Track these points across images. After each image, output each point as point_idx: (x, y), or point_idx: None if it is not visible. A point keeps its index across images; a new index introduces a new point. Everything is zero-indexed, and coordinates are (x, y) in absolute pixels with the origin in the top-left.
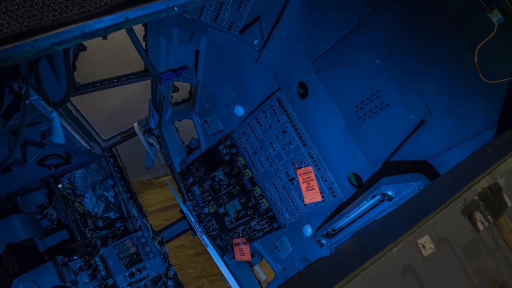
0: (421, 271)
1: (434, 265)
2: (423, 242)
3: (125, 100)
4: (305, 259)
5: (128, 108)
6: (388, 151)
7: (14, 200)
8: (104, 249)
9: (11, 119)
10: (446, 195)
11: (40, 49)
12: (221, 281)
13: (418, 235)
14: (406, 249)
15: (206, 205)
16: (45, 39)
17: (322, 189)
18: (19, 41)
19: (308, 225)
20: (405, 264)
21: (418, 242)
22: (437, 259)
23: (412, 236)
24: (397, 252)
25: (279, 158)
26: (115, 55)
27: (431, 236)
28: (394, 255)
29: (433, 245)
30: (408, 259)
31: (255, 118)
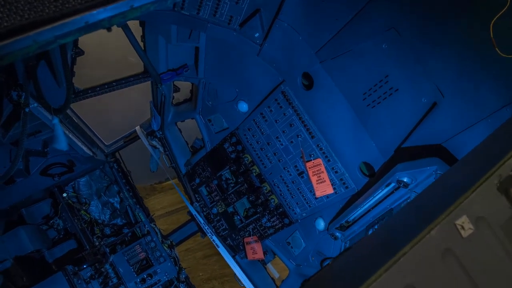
0: (461, 253)
1: (474, 246)
2: (461, 222)
3: (126, 103)
4: (319, 253)
5: (128, 112)
6: (399, 137)
7: (19, 212)
8: (113, 256)
9: (12, 129)
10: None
11: (42, 43)
12: (232, 282)
13: (455, 216)
14: (445, 231)
15: (215, 205)
16: (47, 31)
17: (333, 181)
18: (20, 35)
19: (321, 218)
20: (445, 246)
21: (456, 223)
22: (477, 239)
23: (449, 217)
24: (436, 235)
25: (287, 152)
26: (112, 59)
27: (469, 216)
28: (433, 237)
29: (472, 225)
30: (447, 241)
31: (260, 113)
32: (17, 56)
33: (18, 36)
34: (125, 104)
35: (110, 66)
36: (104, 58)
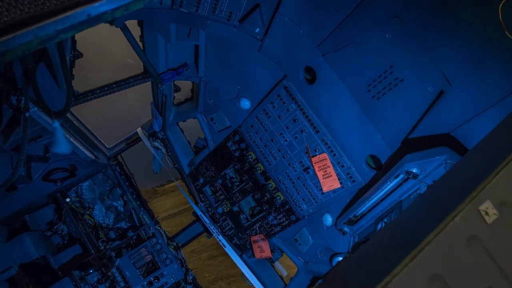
0: (487, 239)
1: (500, 231)
2: (485, 208)
3: (125, 105)
4: (328, 249)
5: (128, 114)
6: (406, 128)
7: (23, 219)
8: (119, 260)
9: (12, 135)
10: (498, 158)
11: (44, 38)
12: (238, 282)
13: (478, 202)
14: (469, 217)
15: (220, 205)
16: (49, 26)
17: (340, 175)
18: (21, 30)
19: (328, 214)
20: (470, 233)
21: (479, 209)
22: (502, 224)
23: (472, 204)
24: (460, 222)
25: (291, 148)
26: (111, 62)
27: (493, 201)
28: (457, 224)
29: (496, 210)
30: (472, 227)
31: (263, 110)
32: (17, 52)
33: (18, 31)
34: (124, 106)
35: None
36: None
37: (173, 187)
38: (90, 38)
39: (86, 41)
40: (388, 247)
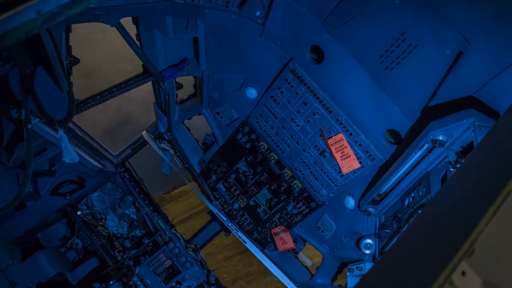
0: None
1: None
2: None
3: (124, 109)
4: (353, 233)
5: (128, 117)
6: (425, 96)
7: (35, 237)
8: (138, 268)
9: (15, 151)
10: None
11: (48, 15)
12: (258, 279)
13: None
14: None
15: (235, 200)
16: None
17: (358, 154)
18: (21, 5)
19: (350, 196)
20: None
21: None
22: None
23: None
24: None
25: (304, 133)
26: (106, 68)
27: None
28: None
29: None
30: None
31: (271, 97)
32: (20, 33)
33: (19, 7)
34: (122, 110)
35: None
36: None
37: (180, 193)
38: (83, 44)
39: (80, 48)
40: (453, 219)
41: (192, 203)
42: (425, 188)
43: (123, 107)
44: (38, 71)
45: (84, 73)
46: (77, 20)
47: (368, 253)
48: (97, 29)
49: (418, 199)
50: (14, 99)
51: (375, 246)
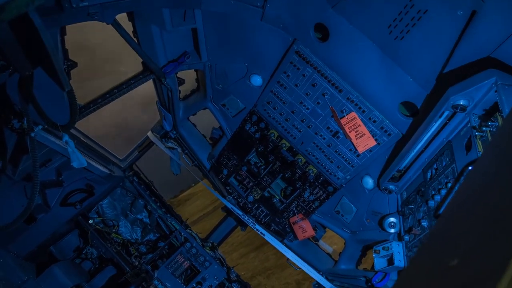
0: None
1: None
2: None
3: (123, 111)
4: (375, 213)
5: (128, 120)
6: (439, 63)
7: (48, 251)
8: (157, 272)
9: (21, 164)
10: None
11: None
12: (277, 273)
13: None
14: None
15: (250, 193)
16: None
17: (373, 131)
18: None
19: (368, 176)
20: None
21: None
22: None
23: None
24: None
25: (315, 116)
26: (102, 72)
27: None
28: None
29: None
30: None
31: (277, 82)
32: (21, 5)
33: None
34: (120, 113)
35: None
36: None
37: (188, 196)
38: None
39: (75, 52)
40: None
41: (200, 205)
42: (449, 158)
43: (117, 111)
44: (37, 73)
45: (80, 78)
46: (71, 20)
47: (393, 232)
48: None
49: (442, 169)
50: (14, 109)
51: (399, 224)
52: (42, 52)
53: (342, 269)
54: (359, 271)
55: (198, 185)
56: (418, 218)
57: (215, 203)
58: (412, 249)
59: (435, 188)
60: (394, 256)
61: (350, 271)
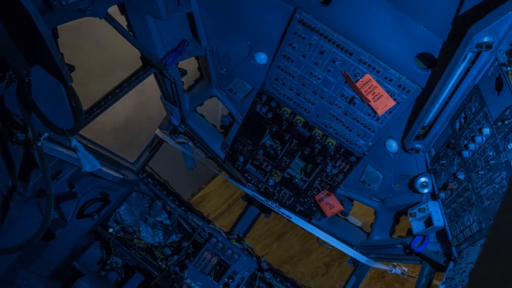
0: None
1: None
2: None
3: (123, 112)
4: (403, 176)
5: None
6: (453, 4)
7: (71, 267)
8: (186, 271)
9: (31, 179)
10: None
11: None
12: (303, 259)
13: None
14: None
15: (269, 177)
16: None
17: (391, 91)
18: None
19: (390, 139)
20: None
21: None
22: None
23: None
24: None
25: (327, 85)
26: (98, 76)
27: None
28: None
29: None
30: None
31: (283, 56)
32: None
33: None
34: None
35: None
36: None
37: (200, 198)
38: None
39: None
40: None
41: (213, 205)
42: (478, 102)
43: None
44: (34, 77)
45: (76, 84)
46: (63, 19)
47: (426, 192)
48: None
49: (472, 116)
50: (16, 122)
51: (431, 183)
52: (39, 44)
53: (376, 240)
54: (395, 239)
55: (209, 186)
56: (452, 172)
57: (229, 200)
58: (450, 205)
59: (467, 137)
60: (432, 216)
61: (385, 241)
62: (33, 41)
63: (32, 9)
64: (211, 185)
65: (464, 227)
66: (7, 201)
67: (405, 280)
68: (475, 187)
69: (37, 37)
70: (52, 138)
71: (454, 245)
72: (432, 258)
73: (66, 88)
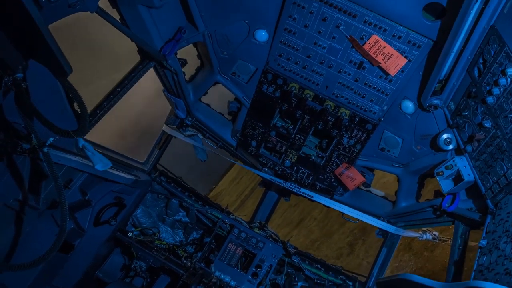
0: None
1: None
2: None
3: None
4: (424, 137)
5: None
6: None
7: (95, 278)
8: (212, 266)
9: (42, 191)
10: None
11: None
12: (325, 242)
13: None
14: None
15: (285, 157)
16: None
17: (401, 49)
18: None
19: (406, 100)
20: None
21: None
22: None
23: None
24: None
25: (334, 53)
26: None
27: None
28: None
29: None
30: None
31: (284, 30)
32: None
33: None
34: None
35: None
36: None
37: (213, 197)
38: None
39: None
40: None
41: (226, 203)
42: (497, 44)
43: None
44: (30, 80)
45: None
46: (53, 17)
47: (450, 148)
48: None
49: (492, 59)
50: (18, 133)
51: (455, 137)
52: (33, 35)
53: (403, 207)
54: (423, 203)
55: (219, 186)
56: (477, 122)
57: (241, 196)
58: (479, 157)
59: (489, 82)
60: (461, 172)
61: (412, 207)
62: (26, 33)
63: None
64: (222, 183)
65: (498, 177)
66: (21, 216)
67: (434, 247)
68: (505, 133)
69: (30, 26)
70: (58, 146)
71: (489, 198)
72: (465, 216)
73: (65, 85)
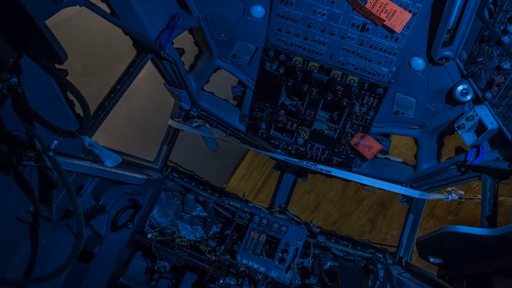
0: None
1: None
2: None
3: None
4: (438, 93)
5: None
6: None
7: (119, 284)
8: (238, 256)
9: (53, 200)
10: None
11: None
12: (345, 222)
13: None
14: None
15: (297, 136)
16: None
17: (404, 3)
18: None
19: (415, 57)
20: None
21: None
22: None
23: None
24: None
25: (334, 19)
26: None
27: None
28: None
29: None
30: None
31: (281, 2)
32: None
33: None
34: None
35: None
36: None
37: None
38: None
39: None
40: None
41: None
42: None
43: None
44: (25, 80)
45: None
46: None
47: (468, 98)
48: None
49: None
50: (21, 143)
51: (471, 87)
52: (23, 22)
53: (425, 169)
54: (445, 162)
55: (230, 183)
56: (494, 66)
57: (253, 191)
58: (501, 103)
59: (503, 21)
60: (483, 120)
61: (435, 167)
62: (16, 22)
63: None
64: (232, 181)
65: None
66: (35, 229)
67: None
68: None
69: (20, 13)
70: (64, 152)
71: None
72: (493, 167)
73: (62, 80)
